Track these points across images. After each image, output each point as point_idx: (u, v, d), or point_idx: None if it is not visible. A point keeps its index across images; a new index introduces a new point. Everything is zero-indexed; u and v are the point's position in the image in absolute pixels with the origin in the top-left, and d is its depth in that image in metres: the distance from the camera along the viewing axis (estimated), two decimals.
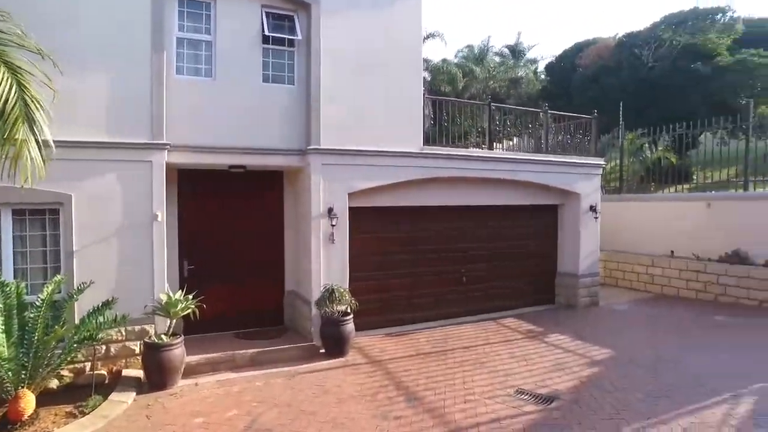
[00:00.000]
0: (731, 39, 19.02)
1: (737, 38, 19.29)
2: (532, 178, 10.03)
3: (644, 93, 18.96)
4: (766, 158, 11.55)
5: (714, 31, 18.79)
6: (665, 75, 18.74)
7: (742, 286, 10.52)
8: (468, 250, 10.02)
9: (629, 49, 20.43)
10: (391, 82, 8.52)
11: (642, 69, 19.54)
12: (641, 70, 19.48)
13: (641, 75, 19.31)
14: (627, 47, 20.66)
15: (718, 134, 16.98)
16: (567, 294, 10.89)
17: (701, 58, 18.61)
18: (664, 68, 18.92)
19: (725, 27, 18.96)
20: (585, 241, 10.70)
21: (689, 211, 12.02)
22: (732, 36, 19.02)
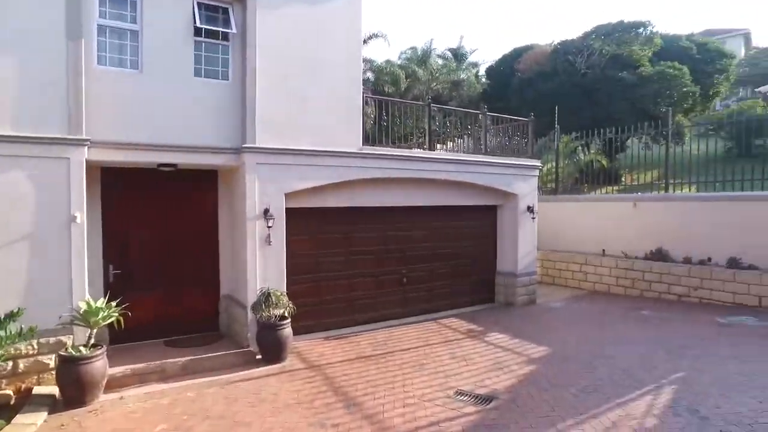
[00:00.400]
0: (651, 51, 20.23)
1: (656, 51, 20.55)
2: (471, 179, 10.16)
3: (578, 98, 19.79)
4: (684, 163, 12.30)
5: (637, 44, 19.91)
6: (596, 81, 19.65)
7: (664, 282, 11.15)
8: (408, 250, 10.01)
9: (563, 56, 21.27)
10: (330, 80, 8.34)
11: (575, 75, 20.40)
12: (575, 77, 20.33)
13: (575, 81, 20.15)
14: (561, 54, 21.49)
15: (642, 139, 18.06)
16: (506, 293, 11.12)
17: (627, 67, 19.65)
18: (595, 75, 19.83)
19: (647, 40, 20.15)
20: (523, 240, 10.98)
21: (618, 211, 12.63)
22: (652, 49, 20.24)
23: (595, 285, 12.50)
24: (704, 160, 12.99)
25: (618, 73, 19.46)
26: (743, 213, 10.47)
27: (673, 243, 11.50)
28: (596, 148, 17.22)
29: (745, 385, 6.03)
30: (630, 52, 19.89)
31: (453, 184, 10.08)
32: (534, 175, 11.18)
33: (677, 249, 11.44)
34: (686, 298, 10.78)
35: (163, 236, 8.18)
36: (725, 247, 10.62)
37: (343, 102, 8.50)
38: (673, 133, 18.08)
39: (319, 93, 8.24)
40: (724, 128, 18.95)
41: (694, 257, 11.09)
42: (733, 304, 10.09)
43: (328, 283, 9.08)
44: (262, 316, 7.33)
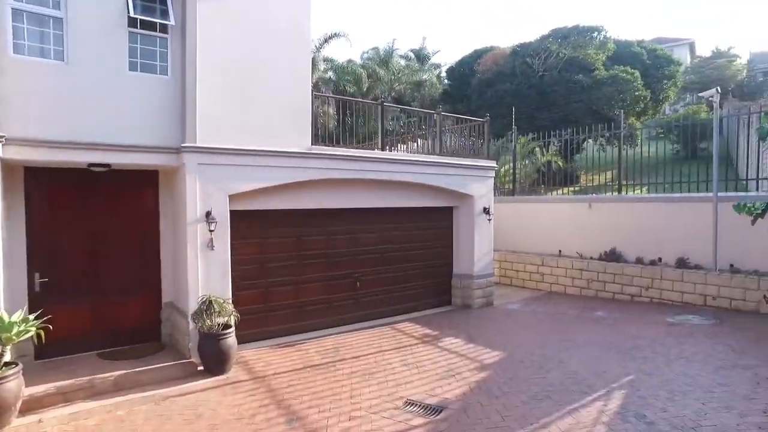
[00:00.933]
0: (606, 55, 20.69)
1: (610, 55, 21.04)
2: (426, 180, 9.98)
3: (535, 99, 20.03)
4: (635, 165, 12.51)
5: (592, 47, 20.31)
6: (553, 83, 19.92)
7: (617, 282, 11.28)
8: (362, 253, 9.74)
9: (522, 57, 21.48)
10: (277, 78, 7.98)
11: (533, 77, 20.62)
12: (532, 78, 20.55)
13: (532, 82, 20.37)
14: (520, 56, 21.70)
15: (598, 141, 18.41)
16: (463, 295, 11.00)
17: (583, 70, 20.02)
18: (552, 77, 20.10)
19: (601, 44, 20.60)
20: (479, 242, 10.88)
21: (574, 212, 12.74)
22: (606, 53, 20.70)
23: (552, 286, 12.56)
24: (654, 162, 13.29)
25: (574, 75, 19.80)
26: (689, 214, 10.70)
27: (626, 244, 11.66)
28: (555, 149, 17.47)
29: (690, 386, 6.04)
30: (585, 56, 20.26)
31: (408, 185, 9.88)
32: (490, 176, 11.11)
33: (630, 249, 11.61)
34: (638, 298, 10.92)
35: (99, 241, 7.63)
36: (674, 247, 10.83)
37: (291, 100, 8.15)
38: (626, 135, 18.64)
39: (265, 90, 7.87)
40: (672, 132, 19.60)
41: (646, 258, 11.27)
42: (681, 303, 10.28)
43: (277, 288, 8.71)
44: (204, 325, 6.91)
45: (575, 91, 19.54)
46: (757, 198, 10.03)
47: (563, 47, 20.36)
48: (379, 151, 9.78)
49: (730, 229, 10.04)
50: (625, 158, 12.98)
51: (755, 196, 10.28)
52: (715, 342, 7.69)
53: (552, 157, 14.91)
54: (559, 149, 15.14)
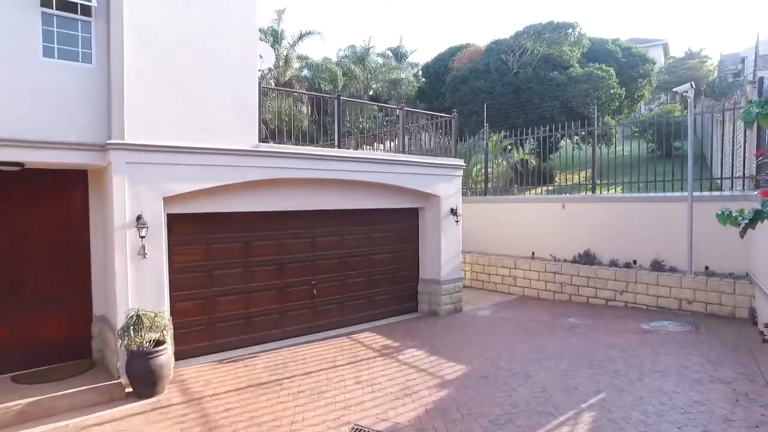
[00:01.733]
0: (580, 52, 20.37)
1: (585, 52, 20.74)
2: (389, 180, 9.34)
3: (510, 96, 19.59)
4: (609, 163, 12.07)
5: (567, 44, 19.95)
6: (528, 80, 19.49)
7: (591, 286, 10.81)
8: (320, 258, 9.07)
9: (497, 54, 21.02)
10: (219, 69, 7.27)
11: (508, 74, 20.17)
12: (507, 75, 20.11)
13: (507, 79, 19.92)
14: (495, 53, 21.24)
15: (574, 139, 18.03)
16: (430, 301, 10.41)
17: (558, 67, 19.65)
18: (527, 74, 19.67)
19: (575, 41, 20.26)
20: (446, 245, 10.29)
21: (547, 213, 12.25)
22: (581, 50, 20.39)
23: (525, 290, 12.05)
24: (630, 162, 12.88)
25: (549, 72, 19.40)
26: (663, 214, 10.28)
27: (601, 245, 11.21)
28: (530, 147, 17.08)
29: (665, 405, 5.51)
30: (560, 53, 19.89)
31: (369, 185, 9.24)
32: (458, 175, 10.53)
33: (604, 251, 11.15)
34: (613, 302, 10.46)
35: (16, 249, 6.83)
36: (649, 248, 10.40)
37: (236, 93, 7.45)
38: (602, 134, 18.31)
39: (206, 82, 7.15)
40: (647, 130, 19.36)
41: (621, 260, 10.82)
42: (656, 307, 9.84)
43: (224, 298, 7.99)
44: (132, 342, 6.16)
45: (550, 89, 19.14)
46: (732, 198, 9.63)
47: (538, 44, 19.96)
48: (337, 149, 9.09)
49: (706, 229, 9.63)
50: (600, 157, 12.55)
51: (730, 195, 9.89)
52: (690, 352, 7.21)
53: (526, 156, 14.42)
54: (535, 148, 14.69)
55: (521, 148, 15.13)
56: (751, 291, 8.69)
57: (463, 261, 13.24)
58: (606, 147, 13.95)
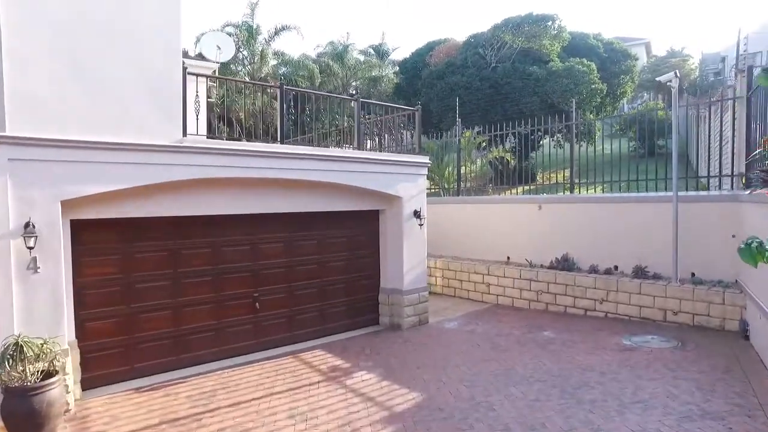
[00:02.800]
0: (560, 46, 19.59)
1: (565, 47, 19.98)
2: (343, 180, 8.34)
3: (488, 92, 18.72)
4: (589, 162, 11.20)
5: (547, 38, 19.13)
6: (506, 75, 18.64)
7: (569, 295, 9.92)
8: (264, 268, 8.05)
9: (474, 48, 20.15)
10: (132, 49, 6.22)
11: (486, 68, 19.30)
12: (485, 70, 19.23)
13: (485, 74, 19.05)
14: (473, 47, 20.37)
15: (554, 137, 17.20)
16: (392, 313, 9.43)
17: (537, 62, 18.84)
18: (505, 69, 18.81)
19: (556, 35, 19.47)
20: (409, 251, 9.32)
21: (523, 214, 11.36)
22: (561, 43, 19.61)
23: (499, 298, 11.13)
24: (611, 160, 12.03)
25: (528, 67, 18.56)
26: (646, 215, 9.44)
27: (580, 249, 10.33)
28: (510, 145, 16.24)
29: None
30: (540, 47, 19.06)
31: (321, 186, 8.24)
32: (422, 174, 9.56)
33: (584, 256, 10.28)
34: (593, 312, 9.57)
35: None
36: (631, 253, 9.54)
37: (154, 81, 6.39)
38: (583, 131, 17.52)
39: (116, 67, 6.10)
40: (630, 128, 18.63)
41: (601, 265, 9.94)
42: (639, 318, 8.96)
43: (147, 315, 6.94)
44: (9, 377, 5.09)
45: (529, 84, 18.29)
46: (720, 198, 8.81)
47: (517, 37, 19.10)
48: (279, 145, 8.04)
49: (692, 232, 8.80)
50: (578, 154, 11.70)
51: (718, 195, 9.08)
52: (677, 375, 6.30)
53: (502, 154, 13.51)
54: (515, 146, 13.81)
55: (501, 145, 14.25)
56: (741, 301, 7.85)
57: (434, 266, 12.34)
58: (587, 145, 13.17)
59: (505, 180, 13.07)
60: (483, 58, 19.67)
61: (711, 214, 8.70)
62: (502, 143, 15.63)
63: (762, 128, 7.76)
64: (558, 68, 18.35)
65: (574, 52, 20.25)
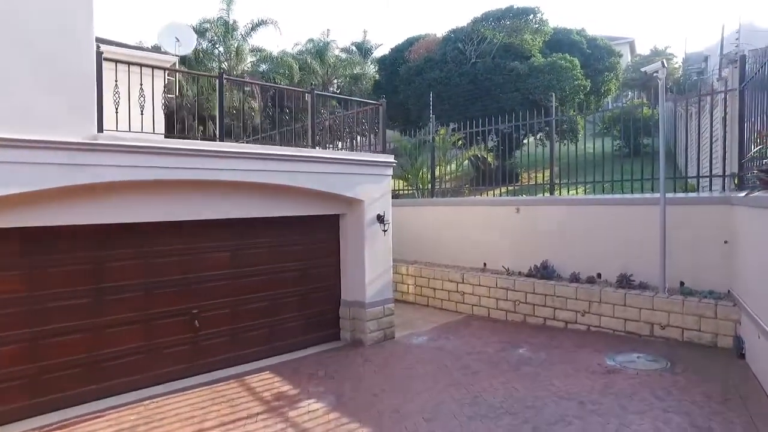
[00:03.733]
0: (542, 41, 18.92)
1: (548, 42, 19.35)
2: (294, 182, 7.43)
3: (467, 88, 17.95)
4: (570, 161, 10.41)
5: (528, 32, 18.42)
6: (487, 71, 17.88)
7: (548, 305, 9.11)
8: (204, 281, 7.11)
9: (454, 44, 19.35)
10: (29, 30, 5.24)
11: (465, 64, 18.53)
12: (464, 65, 18.46)
13: (464, 70, 18.27)
14: (452, 42, 19.58)
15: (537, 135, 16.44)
16: (354, 328, 8.55)
17: (519, 57, 18.11)
18: (485, 64, 18.06)
19: (537, 29, 18.78)
20: (372, 260, 8.44)
21: (500, 217, 10.54)
22: (543, 38, 18.94)
23: (474, 308, 10.29)
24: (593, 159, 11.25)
25: (509, 62, 17.81)
26: (632, 218, 8.68)
27: (560, 256, 9.54)
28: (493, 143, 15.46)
29: None
30: (521, 41, 18.32)
31: (270, 188, 7.34)
32: (387, 175, 8.68)
33: (565, 263, 9.48)
34: (574, 325, 8.77)
35: None
36: (616, 260, 8.77)
37: (58, 68, 5.41)
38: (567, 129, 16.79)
39: (7, 52, 5.12)
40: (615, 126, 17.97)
41: (583, 273, 9.14)
42: (623, 332, 8.18)
43: (59, 338, 5.97)
44: None
45: (510, 80, 17.54)
46: (710, 200, 8.06)
47: (497, 32, 18.35)
48: (217, 143, 7.07)
49: (680, 237, 8.04)
50: (559, 152, 10.90)
51: (708, 197, 8.33)
52: (668, 407, 5.48)
53: (481, 152, 12.67)
54: (497, 144, 13.00)
55: (482, 143, 13.42)
56: (735, 315, 7.08)
57: (406, 273, 11.49)
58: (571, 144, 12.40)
59: (486, 180, 12.14)
60: (462, 54, 18.88)
61: (701, 218, 7.95)
62: (484, 141, 14.84)
63: (757, 123, 7.03)
64: (540, 63, 17.62)
65: (556, 47, 19.58)
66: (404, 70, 20.45)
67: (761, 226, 5.84)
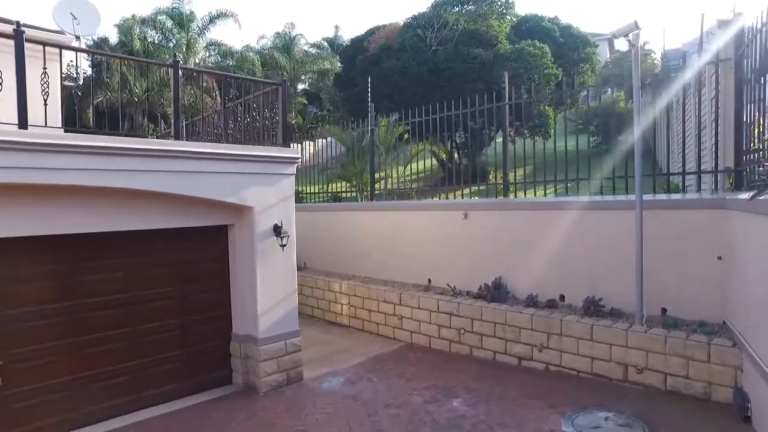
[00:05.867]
0: (510, 27, 17.25)
1: (517, 28, 17.73)
2: (147, 184, 5.47)
3: (427, 77, 16.16)
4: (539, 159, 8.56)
5: (494, 16, 16.70)
6: (448, 59, 16.11)
7: (499, 336, 7.26)
8: (20, 320, 5.13)
9: (414, 30, 17.54)
10: None
11: (425, 52, 16.73)
12: (424, 53, 16.66)
13: (423, 58, 16.48)
14: (413, 29, 17.78)
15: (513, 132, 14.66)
16: (247, 369, 6.63)
17: (483, 44, 16.35)
18: (447, 52, 16.27)
19: (503, 12, 17.12)
20: (267, 283, 6.51)
21: (448, 225, 8.67)
22: (509, 24, 17.28)
23: (413, 335, 8.42)
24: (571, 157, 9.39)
25: (473, 50, 16.02)
26: (603, 226, 6.88)
27: (517, 271, 7.73)
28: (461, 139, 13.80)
29: None
30: (487, 28, 16.57)
31: (122, 193, 5.37)
32: (287, 174, 6.73)
33: (521, 281, 7.67)
34: (529, 362, 6.93)
35: None
36: (583, 278, 6.97)
37: None
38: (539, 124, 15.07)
39: None
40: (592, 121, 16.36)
41: (543, 294, 7.33)
42: (590, 374, 6.34)
43: None
44: None
45: (474, 68, 15.76)
46: (701, 203, 6.28)
47: (460, 17, 16.57)
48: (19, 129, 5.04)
49: (662, 250, 6.26)
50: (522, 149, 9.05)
51: (698, 200, 6.53)
52: None
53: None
54: (467, 140, 11.20)
55: (447, 141, 11.63)
56: (736, 360, 5.26)
57: (339, 291, 9.61)
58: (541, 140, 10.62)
59: (450, 180, 10.06)
60: (422, 40, 17.08)
61: (688, 226, 6.17)
62: (452, 138, 13.08)
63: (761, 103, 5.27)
64: (506, 50, 15.87)
65: (526, 35, 17.89)
66: (360, 60, 18.58)
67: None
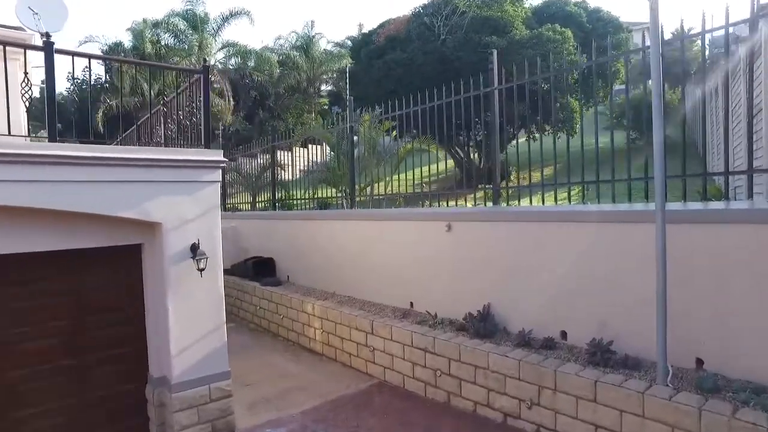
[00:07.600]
0: (528, 12, 15.62)
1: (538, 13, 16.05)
2: (26, 200, 4.29)
3: (434, 68, 14.72)
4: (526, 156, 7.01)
5: (508, 1, 15.04)
6: (458, 48, 14.64)
7: (480, 384, 5.74)
8: None
9: (422, 19, 16.10)
10: None
11: (433, 41, 15.27)
12: (431, 43, 15.22)
13: (431, 47, 15.05)
14: (420, 18, 16.34)
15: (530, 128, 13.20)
16: (162, 420, 5.37)
17: (496, 31, 14.72)
18: (456, 41, 14.76)
19: None
20: (184, 315, 5.23)
21: (432, 238, 7.21)
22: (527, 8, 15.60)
23: (386, 372, 6.99)
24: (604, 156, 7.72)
25: (484, 37, 14.44)
26: (615, 246, 5.28)
27: (509, 297, 6.22)
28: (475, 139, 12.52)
29: None
30: (501, 13, 14.94)
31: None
32: (211, 181, 5.42)
33: (513, 311, 6.16)
34: (517, 420, 5.38)
35: None
36: (590, 309, 5.41)
37: None
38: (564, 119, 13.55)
39: None
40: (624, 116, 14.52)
41: (539, 330, 5.79)
42: None
43: None
44: None
45: (485, 58, 14.16)
46: (751, 216, 4.61)
47: (471, 2, 15.00)
48: None
49: (696, 279, 4.64)
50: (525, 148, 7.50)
51: (746, 212, 4.85)
52: None
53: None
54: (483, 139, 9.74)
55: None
56: None
57: (312, 313, 8.29)
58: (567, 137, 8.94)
59: (463, 183, 8.47)
60: (430, 29, 15.64)
61: (732, 247, 4.51)
62: (469, 138, 11.70)
63: None
64: (522, 37, 14.19)
65: (549, 20, 16.14)
66: (365, 53, 17.26)
67: None
